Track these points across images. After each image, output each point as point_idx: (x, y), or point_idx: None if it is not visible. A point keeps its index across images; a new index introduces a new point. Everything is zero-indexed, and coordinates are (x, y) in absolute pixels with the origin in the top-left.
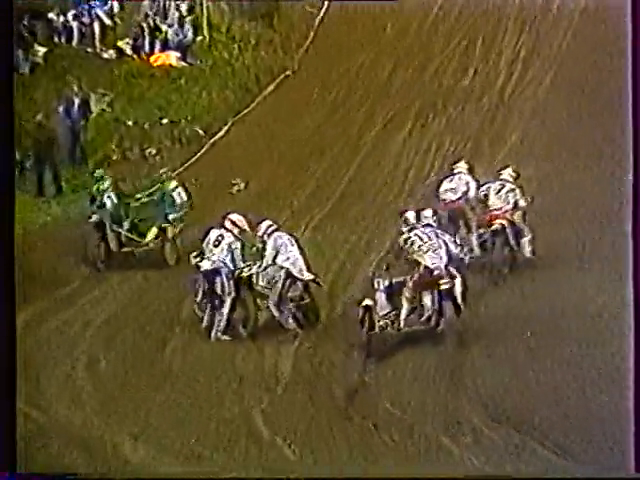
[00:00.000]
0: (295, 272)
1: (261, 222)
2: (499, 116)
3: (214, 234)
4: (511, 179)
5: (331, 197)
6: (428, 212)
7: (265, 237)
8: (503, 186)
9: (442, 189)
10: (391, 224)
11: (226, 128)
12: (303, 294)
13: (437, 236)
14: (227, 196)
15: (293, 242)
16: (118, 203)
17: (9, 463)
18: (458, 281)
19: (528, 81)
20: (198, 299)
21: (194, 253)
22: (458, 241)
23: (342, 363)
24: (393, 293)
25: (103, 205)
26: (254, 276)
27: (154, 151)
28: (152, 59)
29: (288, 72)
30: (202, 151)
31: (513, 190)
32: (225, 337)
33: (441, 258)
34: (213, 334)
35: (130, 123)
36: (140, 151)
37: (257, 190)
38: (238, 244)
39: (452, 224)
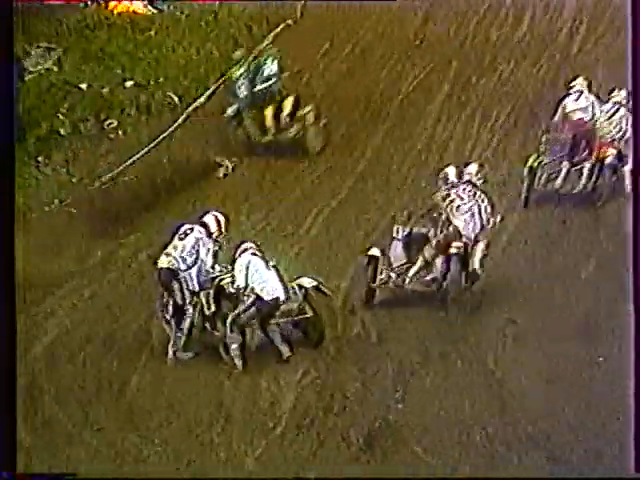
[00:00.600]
0: (264, 295)
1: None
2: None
3: (185, 227)
4: (625, 102)
5: (346, 181)
6: (472, 167)
7: (236, 256)
8: (617, 110)
9: (569, 109)
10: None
11: (208, 94)
12: (302, 306)
13: (475, 197)
14: (212, 181)
15: (269, 267)
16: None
17: (9, 463)
18: (480, 246)
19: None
20: (160, 310)
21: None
22: (489, 209)
23: (359, 396)
24: (410, 244)
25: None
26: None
27: (115, 123)
28: (112, 5)
29: (289, 21)
30: (177, 123)
31: (625, 116)
32: (186, 355)
33: (475, 224)
34: (170, 353)
35: (84, 87)
36: (97, 123)
37: (249, 173)
38: (210, 245)
39: (573, 148)
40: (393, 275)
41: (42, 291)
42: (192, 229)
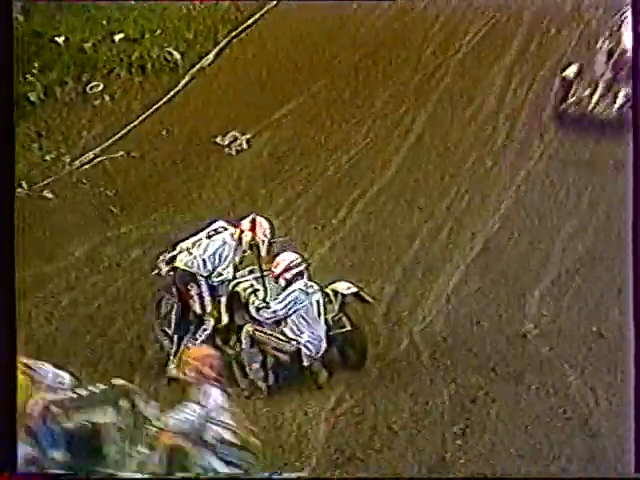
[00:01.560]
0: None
1: (281, 253)
2: None
3: (218, 223)
4: None
5: (391, 160)
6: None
7: (282, 280)
8: None
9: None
10: (492, 198)
11: (216, 50)
12: (338, 317)
13: None
14: (222, 159)
15: (314, 302)
16: None
17: (9, 463)
18: None
19: None
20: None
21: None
22: None
23: (408, 429)
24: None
25: None
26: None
27: (100, 86)
28: None
29: None
30: (178, 87)
31: None
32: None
33: None
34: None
35: (60, 40)
36: (78, 86)
37: (268, 149)
38: (237, 253)
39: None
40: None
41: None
42: (225, 229)
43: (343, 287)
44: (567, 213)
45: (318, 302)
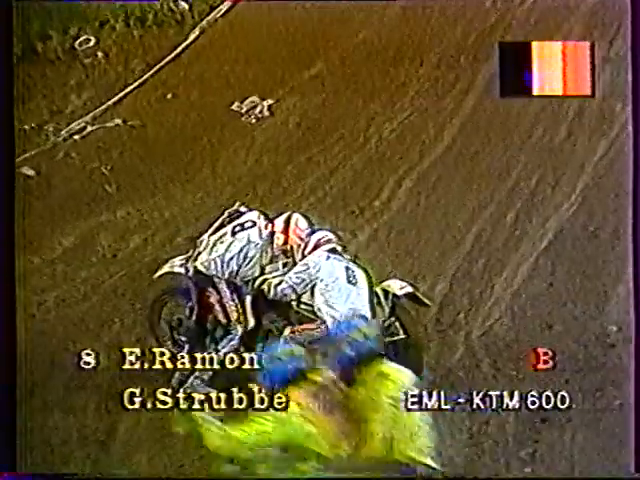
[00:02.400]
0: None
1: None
2: None
3: (246, 216)
4: None
5: (443, 131)
6: None
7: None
8: None
9: None
10: (567, 175)
11: None
12: (389, 323)
13: None
14: (239, 129)
15: (356, 279)
16: None
17: (9, 463)
18: None
19: None
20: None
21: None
22: None
23: (465, 452)
24: None
25: None
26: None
27: (92, 41)
28: None
29: None
30: (187, 42)
31: None
32: (208, 389)
33: None
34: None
35: None
36: (64, 41)
37: (295, 117)
38: (258, 253)
39: None
40: None
41: None
42: (253, 224)
43: (396, 287)
44: None
45: (348, 269)
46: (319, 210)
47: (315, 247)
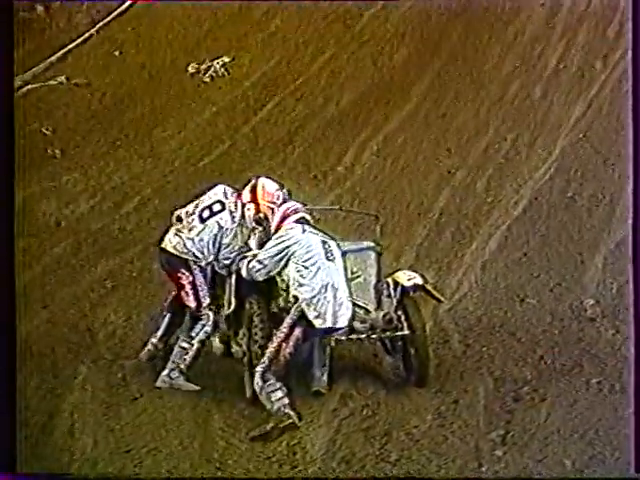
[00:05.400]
0: (311, 316)
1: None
2: None
3: (214, 198)
4: None
5: (413, 88)
6: None
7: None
8: None
9: None
10: (542, 138)
11: None
12: (394, 317)
13: None
14: (195, 87)
15: (334, 255)
16: None
17: (9, 463)
18: None
19: None
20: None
21: None
22: None
23: (431, 436)
24: None
25: None
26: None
27: None
28: None
29: None
30: None
31: None
32: (188, 385)
33: None
34: (163, 378)
35: None
36: None
37: (251, 76)
38: (234, 236)
39: None
40: None
41: None
42: (222, 207)
43: (405, 278)
44: None
45: (324, 243)
46: (278, 175)
47: (283, 218)
